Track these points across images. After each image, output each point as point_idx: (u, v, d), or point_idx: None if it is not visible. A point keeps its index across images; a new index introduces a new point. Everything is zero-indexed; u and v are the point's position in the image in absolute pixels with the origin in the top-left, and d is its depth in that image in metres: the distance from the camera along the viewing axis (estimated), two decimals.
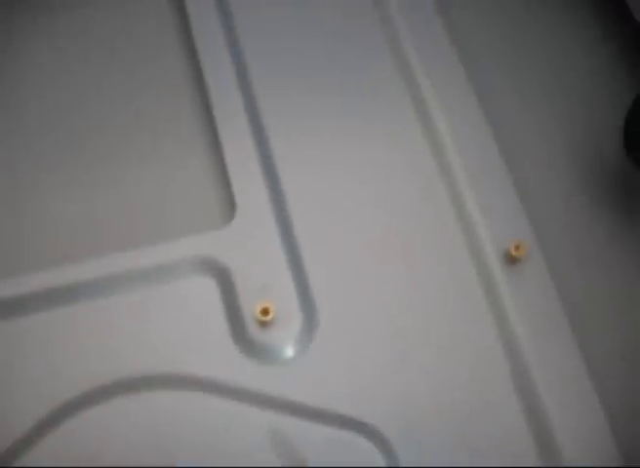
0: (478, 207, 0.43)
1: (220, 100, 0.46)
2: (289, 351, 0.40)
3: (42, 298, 0.41)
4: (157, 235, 0.42)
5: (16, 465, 0.38)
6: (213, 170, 0.45)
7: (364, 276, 0.42)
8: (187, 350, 0.40)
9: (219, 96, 0.46)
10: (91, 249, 0.43)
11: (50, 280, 0.41)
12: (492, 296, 0.41)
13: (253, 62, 0.47)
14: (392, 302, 0.41)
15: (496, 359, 0.40)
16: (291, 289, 0.41)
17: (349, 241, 0.43)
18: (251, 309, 0.40)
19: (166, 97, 0.48)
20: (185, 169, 0.46)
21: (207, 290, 0.41)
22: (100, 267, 0.41)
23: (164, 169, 0.46)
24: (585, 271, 0.44)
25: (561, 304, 0.41)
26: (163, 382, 0.39)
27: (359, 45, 0.48)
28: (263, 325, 0.39)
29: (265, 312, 0.39)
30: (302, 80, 0.47)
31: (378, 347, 0.40)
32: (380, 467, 0.38)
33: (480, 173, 0.44)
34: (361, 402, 0.39)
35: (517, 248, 0.41)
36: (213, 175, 0.45)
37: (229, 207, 0.43)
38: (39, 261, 0.42)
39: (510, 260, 0.41)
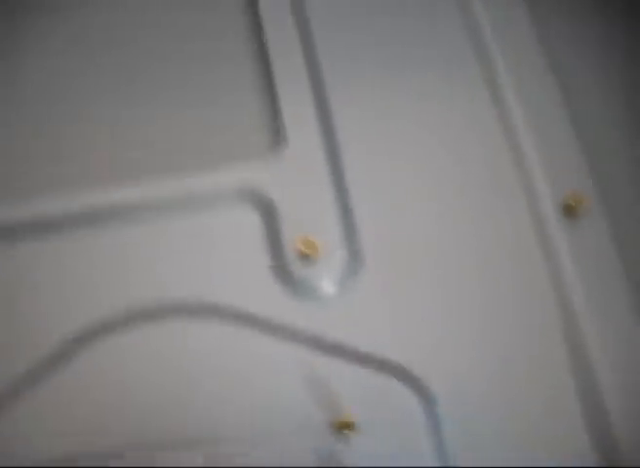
0: (538, 154, 0.41)
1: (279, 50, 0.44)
2: (330, 289, 0.38)
3: (81, 218, 0.40)
4: (204, 162, 0.41)
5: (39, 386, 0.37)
6: (265, 102, 0.44)
7: (416, 223, 0.40)
8: (225, 281, 0.39)
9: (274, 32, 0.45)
10: (137, 172, 0.42)
11: (93, 200, 0.41)
12: (547, 249, 0.39)
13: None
14: (443, 250, 0.39)
15: (548, 316, 0.38)
16: (337, 226, 0.39)
17: (401, 186, 0.41)
18: (293, 243, 0.38)
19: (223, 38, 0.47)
20: (238, 100, 0.44)
21: (249, 220, 0.40)
22: (143, 191, 0.41)
23: (217, 98, 0.45)
24: None
25: (621, 265, 0.39)
26: (197, 310, 0.38)
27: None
28: (305, 260, 0.38)
29: (308, 246, 0.38)
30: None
31: (425, 294, 0.38)
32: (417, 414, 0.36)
33: (542, 123, 0.42)
34: (402, 347, 0.37)
35: (576, 200, 0.39)
36: (264, 106, 0.44)
37: (278, 140, 0.42)
38: (85, 182, 0.42)
39: (569, 213, 0.39)
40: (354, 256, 0.39)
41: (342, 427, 0.35)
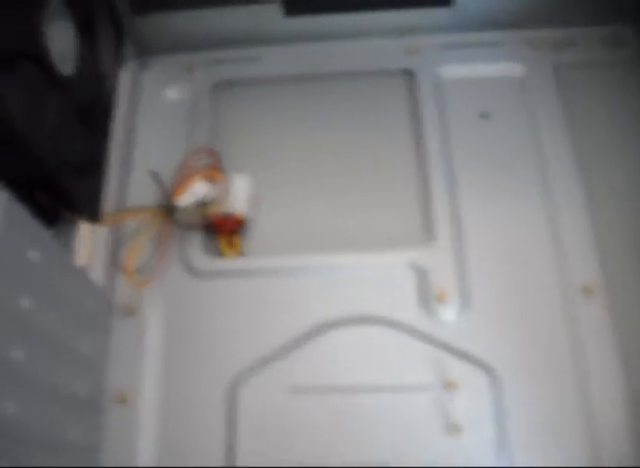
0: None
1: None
2: (449, 314, 0.72)
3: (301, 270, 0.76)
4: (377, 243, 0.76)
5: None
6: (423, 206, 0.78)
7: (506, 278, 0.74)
8: (390, 305, 0.73)
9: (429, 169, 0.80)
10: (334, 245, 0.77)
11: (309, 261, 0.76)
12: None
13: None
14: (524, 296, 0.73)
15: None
16: (457, 287, 0.73)
17: (496, 258, 0.75)
18: (435, 294, 0.73)
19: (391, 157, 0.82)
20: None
21: (409, 279, 0.74)
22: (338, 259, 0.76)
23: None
24: None
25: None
26: (371, 320, 0.72)
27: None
28: (440, 301, 0.72)
29: (442, 296, 0.72)
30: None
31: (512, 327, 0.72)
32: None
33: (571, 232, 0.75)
34: (490, 352, 0.70)
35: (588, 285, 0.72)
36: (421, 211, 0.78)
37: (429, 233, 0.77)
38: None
39: (586, 292, 0.72)
40: (466, 303, 0.73)
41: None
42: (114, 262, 0.77)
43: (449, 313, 0.72)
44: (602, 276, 0.73)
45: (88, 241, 0.76)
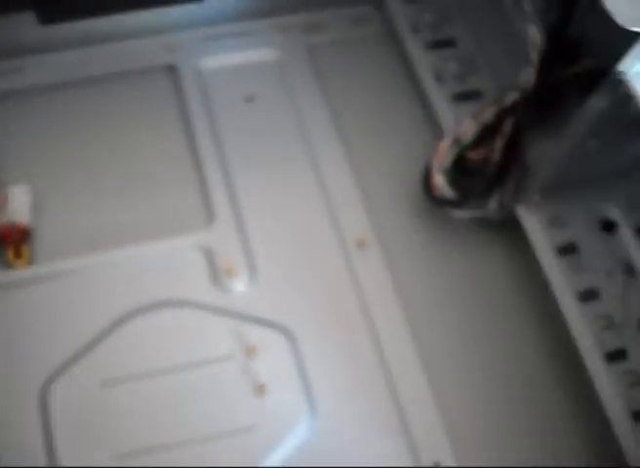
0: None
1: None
2: (240, 286, 0.77)
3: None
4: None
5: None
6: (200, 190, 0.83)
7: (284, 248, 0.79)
8: (184, 288, 0.76)
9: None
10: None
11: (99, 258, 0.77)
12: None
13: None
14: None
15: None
16: (243, 260, 0.78)
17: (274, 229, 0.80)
18: (222, 268, 0.77)
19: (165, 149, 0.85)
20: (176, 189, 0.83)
21: (198, 260, 0.78)
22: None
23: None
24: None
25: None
26: (168, 304, 0.75)
27: None
28: (229, 275, 0.76)
29: (229, 271, 0.76)
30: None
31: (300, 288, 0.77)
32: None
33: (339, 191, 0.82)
34: (284, 314, 0.75)
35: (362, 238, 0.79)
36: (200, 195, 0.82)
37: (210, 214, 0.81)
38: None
39: (360, 246, 0.79)
40: (253, 271, 0.77)
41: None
42: None
43: (240, 285, 0.77)
44: (374, 229, 0.80)
45: None
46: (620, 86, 0.60)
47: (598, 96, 0.63)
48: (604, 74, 0.61)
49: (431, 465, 0.71)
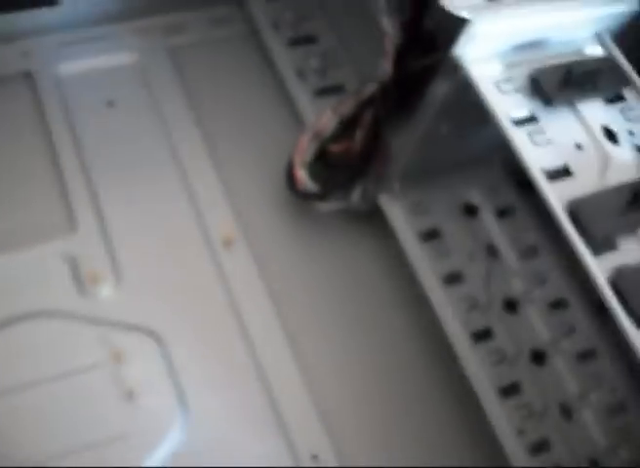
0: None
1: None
2: (105, 293, 0.75)
3: None
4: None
5: None
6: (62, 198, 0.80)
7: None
8: (49, 298, 0.74)
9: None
10: None
11: None
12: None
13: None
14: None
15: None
16: (109, 266, 0.76)
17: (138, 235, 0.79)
18: (88, 277, 0.75)
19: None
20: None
21: (62, 269, 0.76)
22: None
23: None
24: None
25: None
26: (32, 316, 0.73)
27: None
28: (94, 282, 0.75)
29: (94, 277, 0.75)
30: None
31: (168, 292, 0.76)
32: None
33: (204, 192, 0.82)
34: (151, 318, 0.74)
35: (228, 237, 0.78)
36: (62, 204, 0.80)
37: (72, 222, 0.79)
38: None
39: (226, 244, 0.79)
40: (119, 277, 0.76)
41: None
42: None
43: (106, 292, 0.75)
44: (241, 227, 0.80)
45: None
46: (457, 71, 0.62)
47: (439, 81, 0.64)
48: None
49: (309, 457, 0.71)
